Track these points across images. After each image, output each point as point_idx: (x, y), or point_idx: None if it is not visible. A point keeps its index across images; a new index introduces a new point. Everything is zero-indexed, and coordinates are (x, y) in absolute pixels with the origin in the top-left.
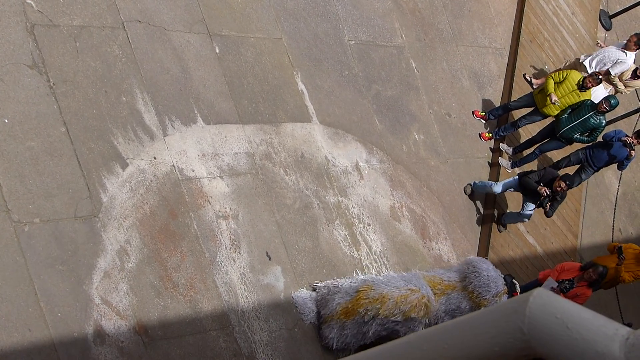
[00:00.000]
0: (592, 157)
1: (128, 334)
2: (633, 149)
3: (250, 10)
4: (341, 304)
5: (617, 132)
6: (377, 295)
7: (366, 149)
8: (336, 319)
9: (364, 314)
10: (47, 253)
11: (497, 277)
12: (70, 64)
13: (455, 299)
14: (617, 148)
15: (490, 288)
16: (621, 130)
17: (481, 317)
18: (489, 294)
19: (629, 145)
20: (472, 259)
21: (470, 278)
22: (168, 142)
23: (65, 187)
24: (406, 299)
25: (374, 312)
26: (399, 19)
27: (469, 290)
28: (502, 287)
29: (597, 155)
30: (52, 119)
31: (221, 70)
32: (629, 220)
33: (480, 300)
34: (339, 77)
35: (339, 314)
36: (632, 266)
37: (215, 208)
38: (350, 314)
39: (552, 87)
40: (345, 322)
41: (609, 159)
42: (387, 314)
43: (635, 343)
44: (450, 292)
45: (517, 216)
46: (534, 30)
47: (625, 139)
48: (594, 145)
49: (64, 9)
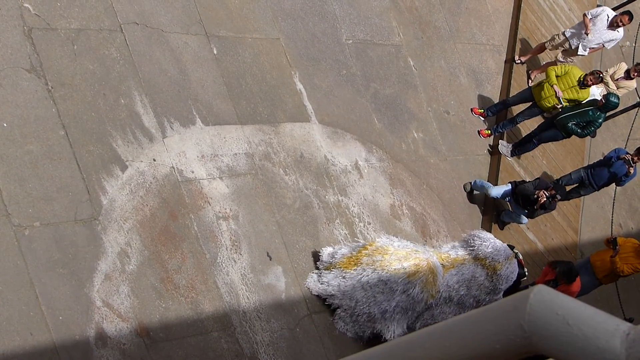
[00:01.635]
0: (592, 176)
1: (130, 336)
2: (632, 166)
3: (247, 10)
4: (345, 254)
5: (617, 151)
6: (379, 247)
7: (365, 148)
8: (337, 267)
9: (365, 264)
10: (48, 256)
11: (502, 245)
12: (68, 67)
13: (468, 269)
14: (618, 166)
15: (500, 252)
16: (621, 149)
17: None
18: (501, 257)
19: (628, 162)
20: (473, 232)
21: (478, 247)
22: (167, 144)
23: (65, 190)
24: (408, 256)
25: (376, 264)
26: (396, 18)
27: (480, 258)
28: (510, 252)
29: (598, 174)
30: (51, 122)
31: (219, 71)
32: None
33: (494, 264)
34: (337, 76)
35: (340, 264)
36: (632, 259)
37: (215, 209)
38: (351, 264)
39: (554, 79)
40: (346, 271)
41: (610, 177)
42: (388, 268)
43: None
44: (460, 265)
45: (514, 216)
46: (531, 27)
47: (625, 156)
48: (595, 165)
49: (61, 12)
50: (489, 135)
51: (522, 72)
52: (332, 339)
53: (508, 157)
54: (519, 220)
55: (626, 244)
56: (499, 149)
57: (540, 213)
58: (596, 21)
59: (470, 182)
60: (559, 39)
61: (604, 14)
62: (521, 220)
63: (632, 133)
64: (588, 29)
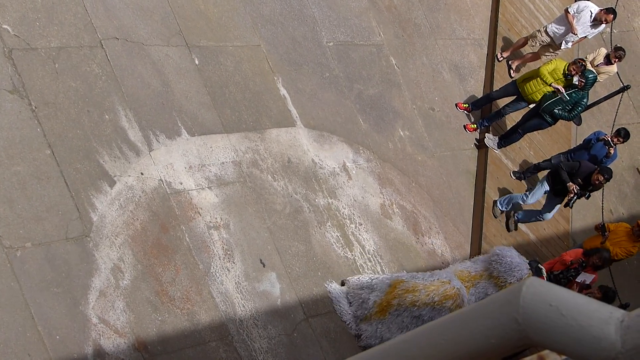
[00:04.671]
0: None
1: (128, 351)
2: (612, 147)
3: (226, 19)
4: (377, 301)
5: (596, 134)
6: (409, 287)
7: (352, 149)
8: (374, 317)
9: (397, 306)
10: (41, 276)
11: (521, 263)
12: (50, 86)
13: (482, 287)
14: (598, 148)
15: (514, 272)
16: (600, 131)
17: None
18: (513, 277)
19: (607, 143)
20: (497, 248)
21: (494, 265)
22: (154, 157)
23: (54, 209)
24: (438, 289)
25: (407, 303)
26: (376, 17)
27: (494, 276)
28: (526, 271)
29: (579, 157)
30: (37, 142)
31: (202, 81)
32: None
33: (505, 284)
34: (320, 79)
35: (376, 313)
36: (624, 242)
37: (205, 219)
38: (385, 310)
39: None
40: (382, 319)
41: (591, 160)
42: (419, 303)
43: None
44: (477, 282)
45: (536, 215)
46: (511, 19)
47: (604, 137)
48: (575, 149)
49: (41, 31)
50: (475, 129)
51: (504, 64)
52: (330, 342)
53: (495, 149)
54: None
55: (618, 228)
56: (485, 142)
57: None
58: (579, 17)
59: (499, 208)
60: (541, 37)
61: (587, 10)
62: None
63: (617, 119)
64: (574, 28)
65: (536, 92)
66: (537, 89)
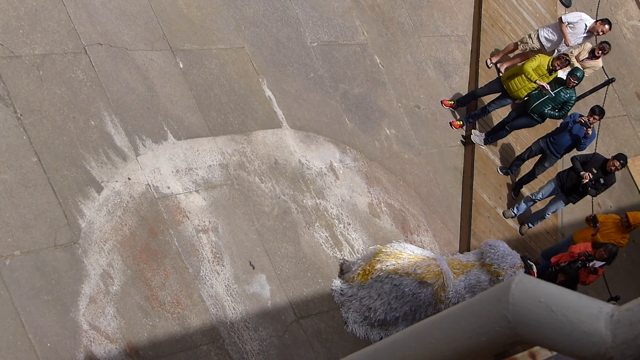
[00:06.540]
0: (553, 145)
1: (119, 357)
2: (590, 127)
3: (209, 22)
4: (362, 265)
5: (572, 116)
6: (393, 252)
7: (339, 149)
8: (356, 279)
9: (379, 271)
10: (31, 284)
11: (513, 253)
12: (35, 94)
13: (474, 274)
14: (577, 130)
15: (507, 259)
16: (575, 113)
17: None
18: (506, 264)
19: (585, 123)
20: (488, 241)
21: (486, 253)
22: (141, 162)
23: (42, 216)
24: (422, 262)
25: (389, 269)
26: (359, 16)
27: (487, 264)
28: (518, 261)
29: (558, 141)
30: (23, 149)
31: (187, 84)
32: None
33: (498, 270)
34: (305, 80)
35: (359, 275)
36: (614, 234)
37: (194, 223)
38: (368, 274)
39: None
40: (363, 283)
41: (571, 142)
42: (401, 271)
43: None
44: (468, 270)
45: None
46: (494, 15)
47: (580, 118)
48: (553, 133)
49: (24, 39)
50: (461, 126)
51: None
52: (321, 343)
53: (482, 146)
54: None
55: (607, 220)
56: (472, 138)
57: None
58: (574, 28)
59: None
60: (532, 43)
61: (581, 22)
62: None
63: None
64: (568, 40)
65: (521, 89)
66: (522, 86)
